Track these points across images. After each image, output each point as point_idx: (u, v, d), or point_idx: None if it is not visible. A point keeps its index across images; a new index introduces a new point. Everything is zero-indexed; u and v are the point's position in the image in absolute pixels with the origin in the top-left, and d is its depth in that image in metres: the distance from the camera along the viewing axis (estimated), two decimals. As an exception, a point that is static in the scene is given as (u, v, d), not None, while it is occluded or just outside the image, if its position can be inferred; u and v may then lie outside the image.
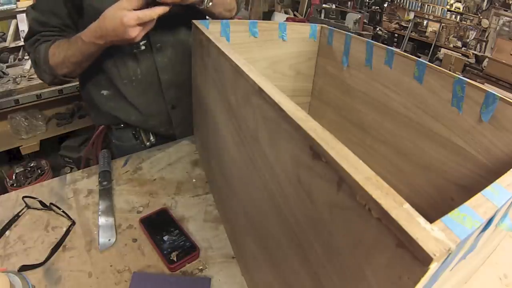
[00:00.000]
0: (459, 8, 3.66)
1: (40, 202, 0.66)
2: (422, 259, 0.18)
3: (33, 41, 0.75)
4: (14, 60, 2.12)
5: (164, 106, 0.87)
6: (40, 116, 1.99)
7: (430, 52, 3.85)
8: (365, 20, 3.83)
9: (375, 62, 0.67)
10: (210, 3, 0.71)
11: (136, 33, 0.63)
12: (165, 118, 0.89)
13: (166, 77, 0.83)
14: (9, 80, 1.88)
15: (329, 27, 0.80)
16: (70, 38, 0.70)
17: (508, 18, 3.17)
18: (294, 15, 3.81)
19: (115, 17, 0.61)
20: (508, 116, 0.44)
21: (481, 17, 3.43)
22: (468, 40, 3.58)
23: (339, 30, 0.77)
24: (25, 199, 0.66)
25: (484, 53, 3.34)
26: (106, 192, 0.70)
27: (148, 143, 0.92)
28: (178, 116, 0.89)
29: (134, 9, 0.61)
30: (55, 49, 0.72)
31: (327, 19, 3.59)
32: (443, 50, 3.72)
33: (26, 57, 2.17)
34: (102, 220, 0.63)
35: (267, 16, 3.51)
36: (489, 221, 0.26)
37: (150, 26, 0.65)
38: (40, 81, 1.92)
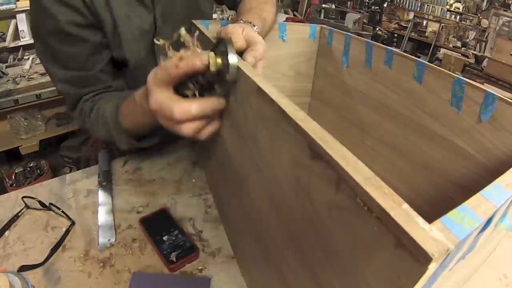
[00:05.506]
0: (459, 8, 3.66)
1: (40, 202, 0.66)
2: (421, 259, 0.18)
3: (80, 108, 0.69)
4: (14, 60, 2.12)
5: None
6: (39, 116, 1.99)
7: (430, 52, 3.84)
8: (364, 20, 3.83)
9: (374, 62, 0.67)
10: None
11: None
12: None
13: None
14: (9, 80, 1.88)
15: (329, 27, 0.80)
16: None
17: (507, 18, 3.17)
18: (294, 15, 3.81)
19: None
20: (508, 116, 0.44)
21: (480, 17, 3.43)
22: (467, 40, 3.57)
23: (338, 30, 0.77)
24: (25, 199, 0.66)
25: (483, 53, 3.33)
26: (105, 192, 0.70)
27: None
28: None
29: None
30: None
31: (326, 19, 3.60)
32: (442, 50, 3.71)
33: (26, 57, 2.17)
34: (101, 220, 0.63)
35: (267, 16, 3.50)
36: (488, 221, 0.26)
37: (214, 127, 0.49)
38: (40, 81, 1.94)
